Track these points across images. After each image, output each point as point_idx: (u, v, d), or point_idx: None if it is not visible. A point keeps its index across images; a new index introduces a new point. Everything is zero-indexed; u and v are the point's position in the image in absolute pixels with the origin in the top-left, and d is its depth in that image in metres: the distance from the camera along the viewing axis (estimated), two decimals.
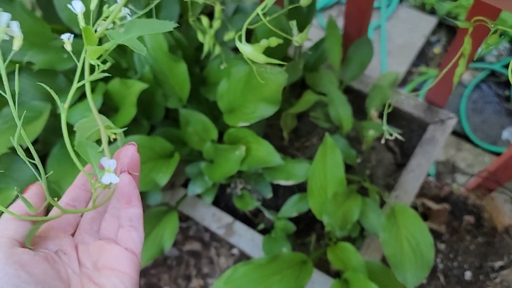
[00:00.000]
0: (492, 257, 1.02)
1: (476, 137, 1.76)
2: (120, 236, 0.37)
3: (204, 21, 0.65)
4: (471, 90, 1.82)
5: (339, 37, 0.81)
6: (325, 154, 0.71)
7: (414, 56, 1.93)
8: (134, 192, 0.36)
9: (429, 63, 1.92)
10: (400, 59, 1.95)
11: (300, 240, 0.90)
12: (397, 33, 1.96)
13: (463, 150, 1.76)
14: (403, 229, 0.68)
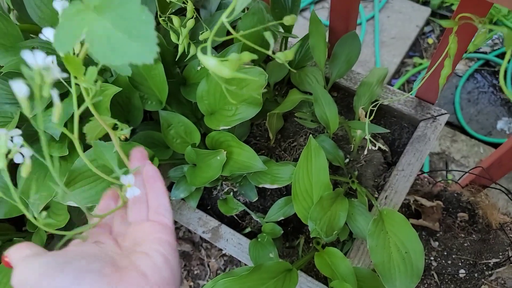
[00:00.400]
0: (486, 254, 1.00)
1: (471, 128, 1.73)
2: (151, 214, 0.43)
3: (175, 21, 0.61)
4: (465, 80, 1.79)
5: (323, 34, 0.78)
6: (309, 158, 0.68)
7: (408, 47, 1.89)
8: (157, 174, 0.45)
9: (423, 54, 1.89)
10: (394, 50, 1.91)
11: (288, 243, 0.87)
12: (391, 24, 1.93)
13: (458, 141, 1.73)
14: (392, 235, 0.65)
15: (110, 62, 0.32)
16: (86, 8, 0.34)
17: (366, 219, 0.73)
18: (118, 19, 0.32)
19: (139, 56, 0.31)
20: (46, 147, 0.72)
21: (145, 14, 0.31)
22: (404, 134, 0.90)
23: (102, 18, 0.33)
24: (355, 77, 0.91)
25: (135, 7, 0.32)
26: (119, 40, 0.32)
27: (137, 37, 0.31)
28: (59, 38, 0.34)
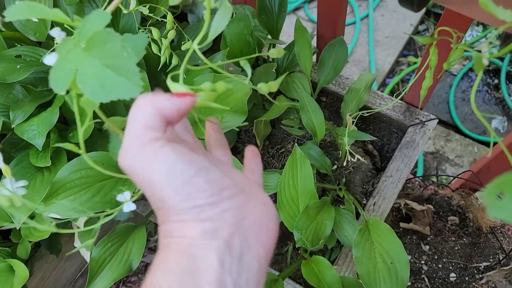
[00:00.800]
0: (477, 258, 1.00)
1: (465, 127, 1.72)
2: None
3: (155, 34, 0.61)
4: (459, 79, 1.78)
5: (309, 41, 0.77)
6: (295, 166, 0.67)
7: (402, 45, 1.88)
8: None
9: (418, 53, 1.88)
10: (388, 49, 1.90)
11: (277, 250, 0.87)
12: (385, 22, 1.91)
13: (452, 141, 1.73)
14: (377, 246, 0.65)
15: (101, 99, 0.34)
16: (77, 46, 0.35)
17: (353, 227, 0.72)
18: (105, 57, 0.34)
19: (126, 90, 0.33)
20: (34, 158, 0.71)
21: (126, 51, 0.33)
22: (393, 139, 0.89)
23: (91, 56, 0.34)
24: (344, 82, 0.90)
25: (116, 45, 0.33)
26: (107, 77, 0.34)
27: (122, 72, 0.33)
28: (55, 79, 0.35)
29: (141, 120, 0.29)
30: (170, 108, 0.30)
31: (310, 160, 0.77)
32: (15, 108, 0.74)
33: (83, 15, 0.75)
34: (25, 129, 0.72)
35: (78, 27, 0.38)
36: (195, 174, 0.27)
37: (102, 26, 0.36)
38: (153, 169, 0.27)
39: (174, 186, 0.27)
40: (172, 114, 0.30)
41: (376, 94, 0.88)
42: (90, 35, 0.36)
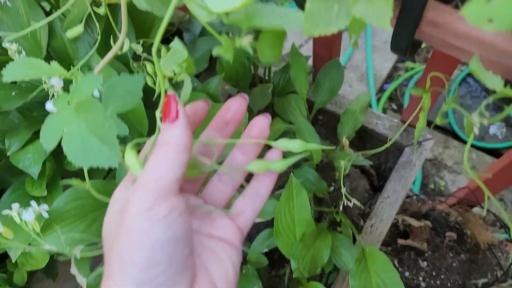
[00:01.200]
0: (475, 274, 1.00)
1: (463, 133, 1.72)
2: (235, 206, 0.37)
3: (149, 68, 0.60)
4: (458, 84, 1.78)
5: (304, 64, 0.77)
6: (291, 196, 0.67)
7: None
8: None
9: (416, 58, 1.87)
10: (385, 55, 1.90)
11: (274, 271, 0.87)
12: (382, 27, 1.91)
13: (451, 147, 1.72)
14: (374, 275, 0.65)
15: (81, 163, 0.35)
16: (70, 106, 0.36)
17: (350, 252, 0.72)
18: (90, 122, 0.35)
19: (106, 159, 0.34)
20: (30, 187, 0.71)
21: (108, 122, 0.34)
22: (390, 158, 0.89)
23: (79, 118, 0.36)
24: (340, 101, 0.90)
25: (99, 115, 0.34)
26: (91, 142, 0.35)
27: (105, 141, 0.34)
28: (45, 135, 0.36)
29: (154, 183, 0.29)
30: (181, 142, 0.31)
31: (307, 185, 0.76)
32: (11, 135, 0.74)
33: (79, 42, 0.75)
34: (20, 157, 0.72)
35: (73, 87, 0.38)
36: (174, 256, 0.28)
37: (93, 89, 0.36)
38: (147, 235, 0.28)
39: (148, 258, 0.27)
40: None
41: (372, 113, 0.88)
42: (79, 101, 0.36)
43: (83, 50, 0.79)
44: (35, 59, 0.40)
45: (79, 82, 0.36)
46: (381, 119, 0.87)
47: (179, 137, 0.30)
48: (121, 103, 0.38)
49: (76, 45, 0.78)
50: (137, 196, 0.29)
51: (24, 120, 0.79)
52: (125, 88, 0.47)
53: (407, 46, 0.37)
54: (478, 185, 0.86)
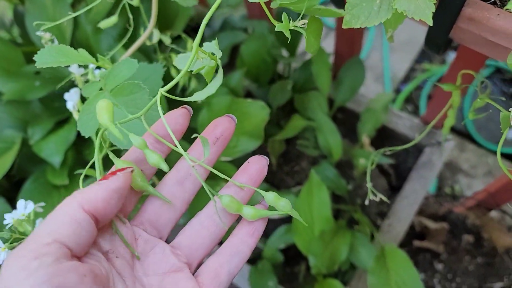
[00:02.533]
0: (491, 278, 0.99)
1: (480, 136, 1.70)
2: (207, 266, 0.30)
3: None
4: (487, 81, 1.75)
5: (327, 61, 0.76)
6: (311, 192, 0.67)
7: (417, 52, 1.86)
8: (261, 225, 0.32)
9: (432, 60, 1.86)
10: (403, 56, 1.88)
11: (289, 269, 0.86)
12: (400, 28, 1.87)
13: (467, 151, 1.70)
14: (393, 274, 0.64)
15: (125, 146, 0.35)
16: (104, 92, 0.36)
17: (368, 251, 0.72)
18: (132, 105, 0.35)
19: None
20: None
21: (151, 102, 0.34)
22: (409, 158, 0.88)
23: (118, 103, 0.36)
24: (360, 100, 0.89)
25: (144, 96, 0.34)
26: (134, 125, 0.35)
27: (150, 123, 0.34)
28: (83, 123, 0.36)
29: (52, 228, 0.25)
30: (101, 196, 0.26)
31: (326, 182, 0.76)
32: (34, 124, 0.75)
33: (102, 33, 0.75)
34: (43, 146, 0.73)
35: (106, 73, 0.38)
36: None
37: (130, 74, 0.36)
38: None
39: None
40: (103, 203, 0.26)
41: (393, 113, 0.87)
42: (119, 84, 0.36)
43: (105, 42, 0.80)
44: (65, 46, 0.40)
45: (114, 67, 0.36)
46: (402, 119, 0.87)
47: (92, 196, 0.26)
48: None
49: (99, 37, 0.79)
50: (20, 247, 0.24)
51: (46, 110, 0.80)
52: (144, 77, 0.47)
53: (443, 43, 0.37)
54: (497, 188, 0.85)
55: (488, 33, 0.34)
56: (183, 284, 0.29)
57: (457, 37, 0.41)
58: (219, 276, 0.30)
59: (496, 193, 0.90)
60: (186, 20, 0.82)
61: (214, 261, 0.31)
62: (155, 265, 0.29)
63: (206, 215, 0.32)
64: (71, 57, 0.40)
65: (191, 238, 0.31)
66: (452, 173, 1.69)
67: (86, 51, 0.40)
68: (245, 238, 0.31)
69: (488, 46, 0.41)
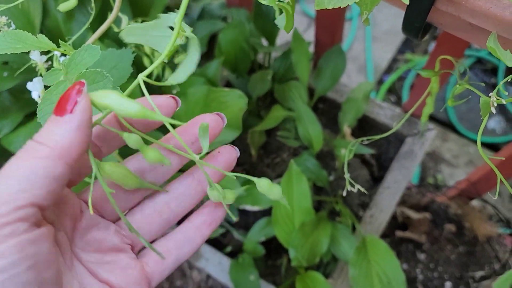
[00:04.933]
0: (473, 267, 0.99)
1: (462, 126, 1.71)
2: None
3: (147, 48, 0.58)
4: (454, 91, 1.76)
5: (307, 50, 0.75)
6: (291, 183, 0.65)
7: (400, 42, 1.86)
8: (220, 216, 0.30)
9: (415, 50, 1.86)
10: (385, 46, 1.88)
11: (271, 261, 0.85)
12: (383, 18, 1.89)
13: (449, 141, 1.71)
14: (374, 264, 0.63)
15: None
16: (66, 80, 0.34)
17: (349, 243, 0.71)
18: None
19: None
20: None
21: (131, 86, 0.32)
22: (391, 148, 0.88)
23: None
24: (341, 90, 0.88)
25: (107, 85, 0.33)
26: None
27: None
28: (44, 114, 0.34)
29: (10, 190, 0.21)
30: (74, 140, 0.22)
31: (306, 173, 0.75)
32: (2, 117, 0.72)
33: (73, 21, 0.72)
34: (12, 140, 0.70)
35: (68, 60, 0.36)
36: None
37: (92, 62, 0.34)
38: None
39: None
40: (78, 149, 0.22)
41: (374, 103, 0.86)
42: (80, 72, 0.34)
43: (77, 30, 0.77)
44: (23, 32, 0.38)
45: (75, 54, 0.34)
46: (383, 109, 0.86)
47: (59, 138, 0.22)
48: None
49: (70, 25, 0.76)
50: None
51: (16, 102, 0.77)
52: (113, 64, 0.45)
53: (421, 27, 0.35)
54: (479, 177, 0.85)
55: (468, 14, 0.33)
56: (124, 263, 0.27)
57: (437, 21, 0.40)
58: (165, 261, 0.28)
59: (477, 182, 0.90)
60: (162, 8, 0.79)
61: (164, 244, 0.29)
62: (96, 242, 0.27)
63: (163, 200, 0.29)
64: (29, 43, 0.38)
65: (140, 221, 0.29)
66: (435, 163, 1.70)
67: (58, 40, 0.38)
68: (201, 227, 0.29)
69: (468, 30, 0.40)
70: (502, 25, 0.32)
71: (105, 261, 0.27)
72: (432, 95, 0.44)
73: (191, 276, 1.07)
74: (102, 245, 0.27)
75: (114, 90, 0.27)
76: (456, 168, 1.66)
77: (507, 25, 0.32)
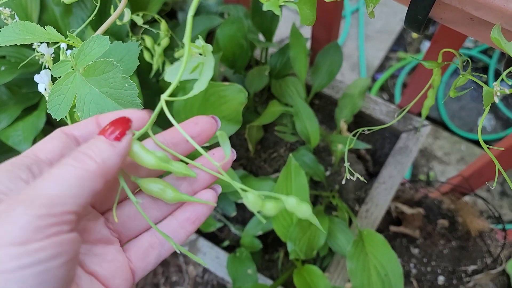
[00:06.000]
0: (465, 261, 1.01)
1: (453, 124, 1.73)
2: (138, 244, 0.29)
3: (148, 42, 0.58)
4: (448, 75, 1.78)
5: (304, 46, 0.75)
6: (289, 177, 0.66)
7: (393, 41, 1.87)
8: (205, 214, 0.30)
9: (407, 48, 1.87)
10: (378, 44, 1.89)
11: (268, 255, 0.86)
12: (376, 16, 1.90)
13: (440, 138, 1.73)
14: (372, 257, 0.64)
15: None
16: (75, 72, 0.34)
17: (346, 236, 0.72)
18: (105, 85, 0.33)
19: None
20: None
21: (127, 82, 0.32)
22: (386, 144, 0.89)
23: (90, 82, 0.34)
24: (338, 86, 0.89)
25: (117, 75, 0.32)
26: (107, 106, 0.33)
27: (124, 103, 0.32)
28: (54, 104, 0.34)
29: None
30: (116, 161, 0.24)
31: (304, 168, 0.76)
32: (3, 109, 0.72)
33: (71, 16, 0.72)
34: (10, 134, 0.70)
35: (76, 51, 0.36)
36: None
37: (101, 52, 0.34)
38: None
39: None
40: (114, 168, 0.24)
41: (370, 99, 0.87)
42: (90, 62, 0.34)
43: (75, 25, 0.77)
44: (31, 23, 0.38)
45: (85, 46, 0.34)
46: (379, 105, 0.87)
47: (107, 159, 0.24)
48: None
49: (68, 20, 0.76)
50: (12, 217, 0.20)
51: (13, 97, 0.77)
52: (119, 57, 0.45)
53: (424, 20, 0.36)
54: (471, 173, 0.86)
55: (471, 7, 0.33)
56: (111, 257, 0.28)
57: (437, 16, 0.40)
58: (148, 257, 0.29)
59: (470, 178, 0.91)
60: (160, 4, 0.79)
61: (146, 240, 0.29)
62: (85, 232, 0.27)
63: (151, 197, 0.30)
64: (38, 35, 0.38)
65: (128, 216, 0.29)
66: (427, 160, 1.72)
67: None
68: (185, 224, 0.29)
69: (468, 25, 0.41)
70: (506, 18, 0.33)
71: (93, 253, 0.27)
72: (434, 87, 0.45)
73: (187, 271, 1.07)
74: (91, 236, 0.28)
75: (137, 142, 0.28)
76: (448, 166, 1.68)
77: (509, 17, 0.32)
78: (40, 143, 0.26)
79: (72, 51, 0.40)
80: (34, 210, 0.21)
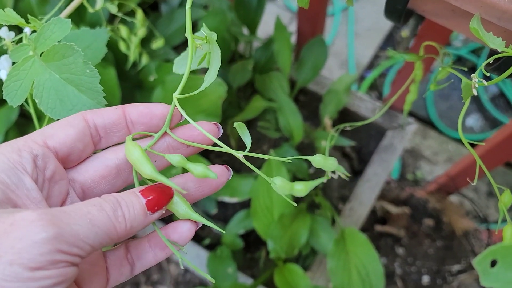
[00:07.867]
0: (450, 261, 1.00)
1: (442, 124, 1.72)
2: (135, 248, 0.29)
3: (123, 32, 0.56)
4: (437, 75, 1.78)
5: (288, 40, 0.74)
6: (270, 174, 0.64)
7: (382, 39, 1.86)
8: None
9: (397, 47, 1.87)
10: (367, 42, 1.88)
11: (250, 254, 0.84)
12: (365, 15, 1.89)
13: (429, 138, 1.73)
14: (353, 257, 0.63)
15: (59, 115, 0.31)
16: (34, 55, 0.32)
17: (329, 235, 0.70)
18: (65, 71, 0.31)
19: (88, 108, 0.31)
20: None
21: (89, 68, 0.31)
22: (371, 142, 0.87)
23: (49, 68, 0.32)
24: (323, 82, 0.87)
25: (78, 60, 0.30)
26: (67, 93, 0.31)
27: (85, 90, 0.31)
28: (10, 90, 0.32)
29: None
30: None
31: (286, 165, 0.74)
32: None
33: (48, 5, 0.70)
34: None
35: (36, 34, 0.34)
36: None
37: (62, 36, 0.32)
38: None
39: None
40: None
41: (355, 95, 0.86)
42: (49, 47, 0.32)
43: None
44: None
45: (44, 29, 0.32)
46: (364, 102, 0.85)
47: (135, 225, 0.24)
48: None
49: (44, 9, 0.73)
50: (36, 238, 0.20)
51: None
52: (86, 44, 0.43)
53: (403, 9, 0.35)
54: (457, 172, 0.85)
55: None
56: (92, 259, 0.27)
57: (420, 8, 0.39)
58: (123, 267, 0.28)
59: (456, 177, 0.90)
60: None
61: (141, 244, 0.28)
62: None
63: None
64: None
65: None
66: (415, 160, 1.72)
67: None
68: (157, 251, 0.28)
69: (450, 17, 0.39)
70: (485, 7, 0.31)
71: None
72: (416, 82, 0.44)
73: (169, 270, 1.05)
74: None
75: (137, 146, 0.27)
76: (435, 165, 1.67)
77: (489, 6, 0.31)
78: (54, 127, 0.26)
79: (31, 34, 0.37)
80: (57, 244, 0.21)
